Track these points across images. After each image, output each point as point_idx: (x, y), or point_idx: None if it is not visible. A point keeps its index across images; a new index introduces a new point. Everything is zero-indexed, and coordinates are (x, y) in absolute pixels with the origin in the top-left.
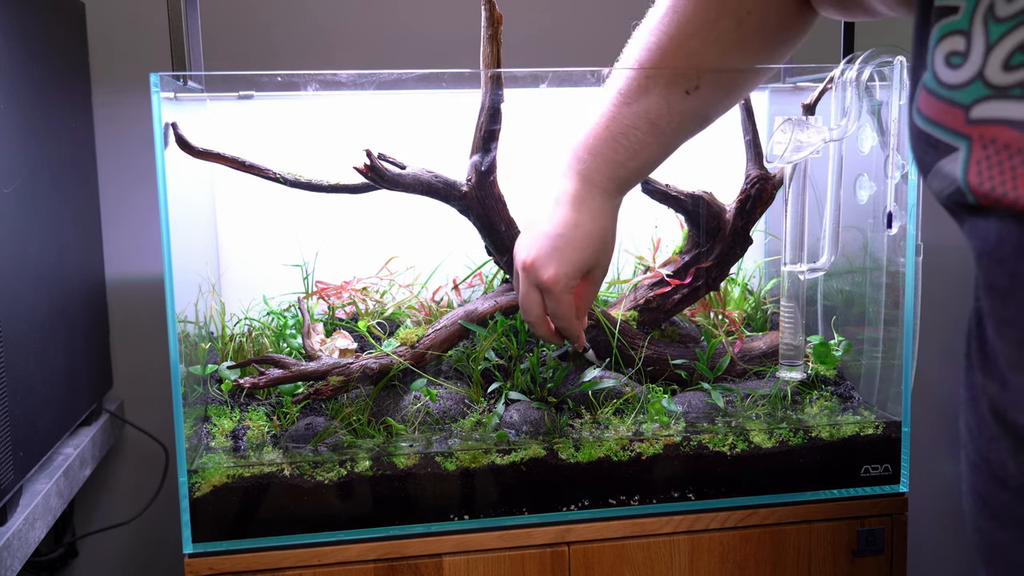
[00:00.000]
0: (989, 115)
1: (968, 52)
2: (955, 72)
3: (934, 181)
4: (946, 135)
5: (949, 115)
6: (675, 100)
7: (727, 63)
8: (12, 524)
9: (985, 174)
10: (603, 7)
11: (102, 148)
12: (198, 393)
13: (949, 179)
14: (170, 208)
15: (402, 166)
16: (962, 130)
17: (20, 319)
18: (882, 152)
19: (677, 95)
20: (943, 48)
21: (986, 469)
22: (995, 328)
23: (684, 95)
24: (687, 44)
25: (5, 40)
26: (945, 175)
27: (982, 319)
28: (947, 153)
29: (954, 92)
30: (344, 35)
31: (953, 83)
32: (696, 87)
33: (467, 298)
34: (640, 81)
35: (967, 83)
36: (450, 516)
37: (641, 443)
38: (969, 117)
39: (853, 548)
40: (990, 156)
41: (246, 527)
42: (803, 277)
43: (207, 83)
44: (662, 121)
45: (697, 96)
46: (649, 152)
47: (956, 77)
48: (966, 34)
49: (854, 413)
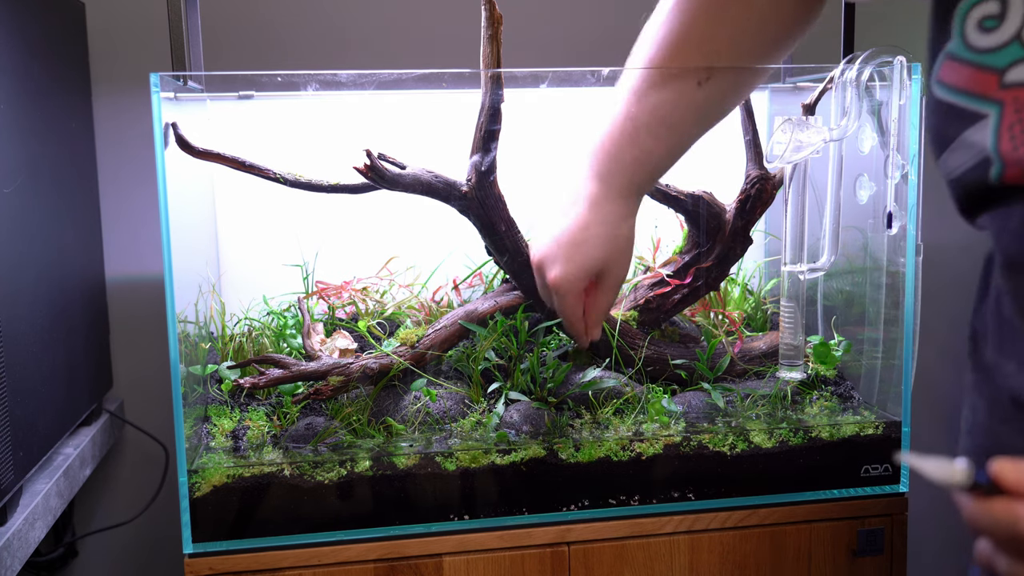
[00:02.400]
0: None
1: (1004, 14)
2: (989, 36)
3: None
4: (974, 102)
5: (979, 80)
6: (687, 93)
7: (739, 49)
8: (12, 524)
9: (1019, 139)
10: (603, 7)
11: (102, 148)
12: (198, 393)
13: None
14: (170, 208)
15: (402, 166)
16: (994, 95)
17: (20, 319)
18: (882, 152)
19: (689, 88)
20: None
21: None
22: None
23: (696, 87)
24: (696, 35)
25: (5, 40)
26: (971, 145)
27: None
28: (974, 122)
29: (987, 56)
30: (344, 35)
31: (987, 47)
32: (708, 78)
33: (467, 298)
34: (652, 77)
35: (1002, 46)
36: (450, 516)
37: (641, 443)
38: (1003, 81)
39: (853, 548)
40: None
41: (246, 527)
42: (803, 277)
43: (207, 83)
44: (675, 116)
45: (709, 87)
46: (665, 148)
47: (990, 40)
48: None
49: (854, 413)
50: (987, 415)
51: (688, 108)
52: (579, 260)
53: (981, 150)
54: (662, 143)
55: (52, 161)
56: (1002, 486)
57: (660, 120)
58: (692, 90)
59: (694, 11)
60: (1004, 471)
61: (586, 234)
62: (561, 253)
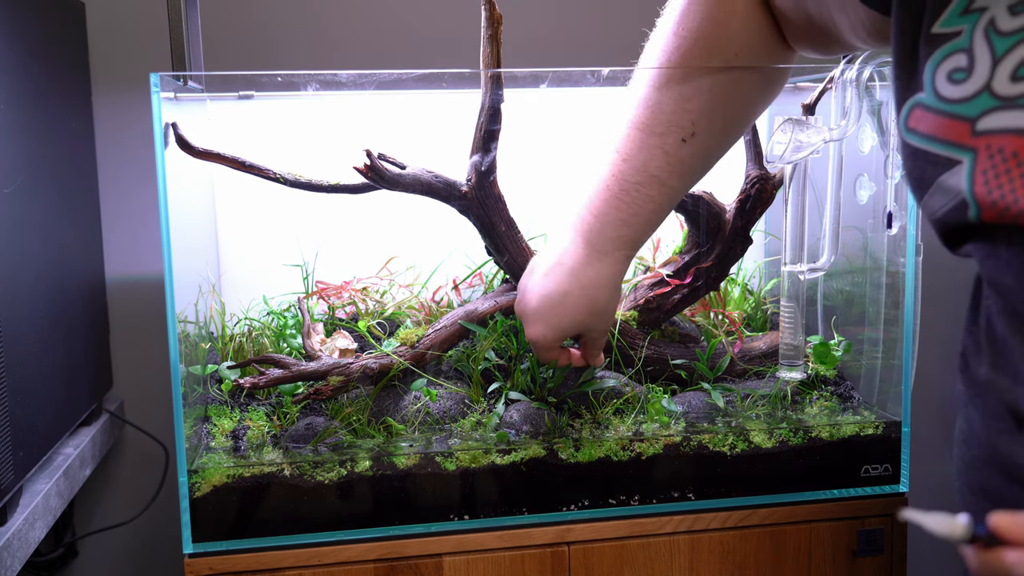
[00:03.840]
0: (997, 125)
1: (972, 67)
2: (958, 87)
3: (933, 199)
4: (947, 149)
5: (951, 129)
6: (672, 150)
7: (721, 106)
8: (12, 524)
9: (993, 183)
10: (603, 7)
11: (102, 148)
12: (198, 393)
13: (952, 192)
14: (170, 208)
15: (402, 166)
16: (967, 142)
17: (20, 319)
18: (882, 152)
19: (674, 145)
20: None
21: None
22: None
23: (681, 143)
24: (679, 90)
25: (5, 40)
26: (948, 189)
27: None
28: (948, 167)
29: (958, 106)
30: (344, 35)
31: (957, 97)
32: (692, 134)
33: (467, 298)
34: (636, 138)
35: (973, 96)
36: (450, 516)
37: (641, 443)
38: (975, 129)
39: (853, 548)
40: (997, 165)
41: (246, 527)
42: (803, 277)
43: (207, 83)
44: (664, 172)
45: (694, 143)
46: (654, 205)
47: (960, 91)
48: (967, 51)
49: (854, 413)
50: (983, 426)
51: (675, 164)
52: (555, 323)
53: (957, 193)
54: (652, 200)
55: (52, 161)
56: (1000, 538)
57: (650, 178)
58: (677, 147)
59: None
60: (1001, 524)
61: (565, 300)
62: (539, 314)
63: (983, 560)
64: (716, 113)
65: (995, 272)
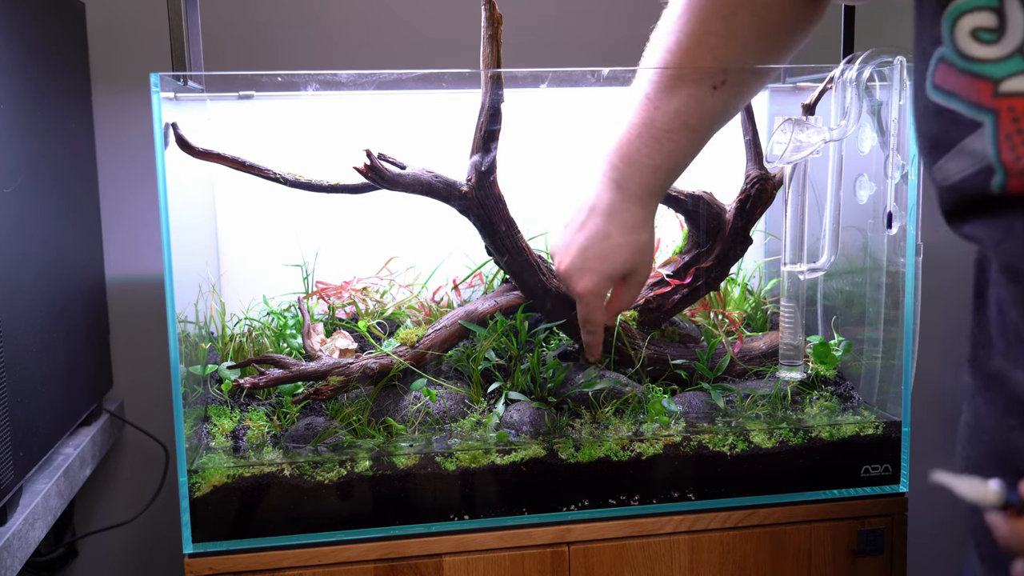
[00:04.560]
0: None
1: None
2: (987, 47)
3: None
4: (968, 109)
5: (973, 88)
6: (704, 97)
7: (747, 56)
8: (12, 524)
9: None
10: (603, 7)
11: (102, 148)
12: (198, 393)
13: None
14: (170, 208)
15: (402, 166)
16: (987, 103)
17: (20, 319)
18: (882, 152)
19: (705, 92)
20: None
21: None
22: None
23: (712, 91)
24: (707, 40)
25: (5, 40)
26: (971, 152)
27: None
28: (972, 129)
29: (983, 66)
30: (344, 35)
31: (984, 57)
32: (723, 82)
33: (467, 298)
34: (667, 83)
35: (1003, 58)
36: (450, 516)
37: (641, 443)
38: (998, 90)
39: (853, 548)
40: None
41: (246, 527)
42: (803, 277)
43: (207, 83)
44: (693, 119)
45: (724, 91)
46: (683, 152)
47: (988, 52)
48: (997, 11)
49: (854, 413)
50: (995, 421)
51: (705, 112)
52: (605, 270)
53: (982, 158)
54: (681, 146)
55: (52, 161)
56: None
57: (680, 124)
58: (708, 94)
59: (704, 18)
60: None
61: (608, 242)
62: (587, 265)
63: (1014, 527)
64: (747, 59)
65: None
